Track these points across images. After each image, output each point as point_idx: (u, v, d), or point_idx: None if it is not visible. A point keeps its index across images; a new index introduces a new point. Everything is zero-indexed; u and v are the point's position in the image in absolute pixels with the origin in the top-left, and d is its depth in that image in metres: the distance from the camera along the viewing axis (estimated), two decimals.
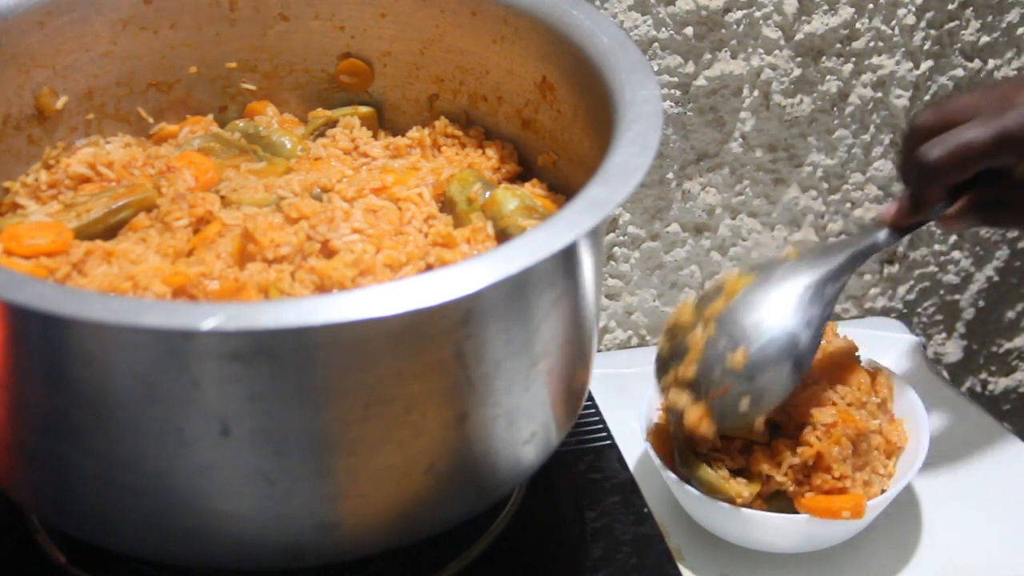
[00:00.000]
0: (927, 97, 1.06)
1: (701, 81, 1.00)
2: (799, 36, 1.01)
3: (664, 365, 0.82)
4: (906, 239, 1.12)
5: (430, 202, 0.76)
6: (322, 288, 0.68)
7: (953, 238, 1.14)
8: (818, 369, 0.86)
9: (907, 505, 0.90)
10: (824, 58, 1.02)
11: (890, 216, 0.83)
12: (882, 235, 0.83)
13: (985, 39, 1.06)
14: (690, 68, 1.00)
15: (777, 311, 0.81)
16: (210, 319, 0.54)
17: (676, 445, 0.84)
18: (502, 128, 0.85)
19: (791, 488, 0.81)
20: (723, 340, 0.80)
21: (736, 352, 0.79)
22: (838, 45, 1.02)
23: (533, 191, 0.79)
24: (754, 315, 0.81)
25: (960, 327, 1.20)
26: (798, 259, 0.83)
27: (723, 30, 0.99)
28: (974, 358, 1.23)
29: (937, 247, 1.15)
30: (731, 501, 0.81)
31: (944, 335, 1.20)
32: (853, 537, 0.85)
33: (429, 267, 0.71)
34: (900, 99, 1.06)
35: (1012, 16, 1.06)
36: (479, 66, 0.84)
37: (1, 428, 0.64)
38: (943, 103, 0.80)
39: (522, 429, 0.67)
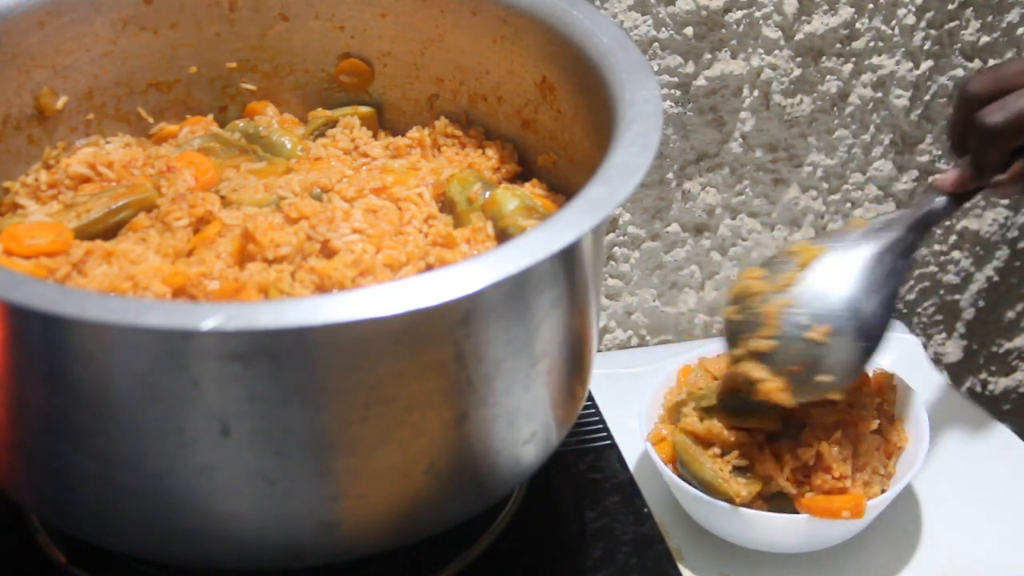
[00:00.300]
0: (927, 97, 1.06)
1: (701, 81, 1.00)
2: (799, 36, 1.01)
3: (735, 334, 0.81)
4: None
5: (430, 202, 0.76)
6: (322, 288, 0.68)
7: (953, 238, 1.14)
8: None
9: (907, 505, 0.90)
10: (824, 58, 1.02)
11: (949, 183, 0.83)
12: (940, 203, 0.83)
13: (985, 39, 1.06)
14: (690, 68, 1.00)
15: (850, 283, 0.80)
16: (210, 319, 0.54)
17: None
18: (502, 128, 0.85)
19: (791, 489, 0.81)
20: (800, 313, 0.79)
21: (817, 327, 0.79)
22: (838, 45, 1.02)
23: (533, 191, 0.79)
24: (830, 287, 0.80)
25: (960, 327, 1.20)
26: (866, 229, 0.83)
27: (723, 30, 0.99)
28: (974, 358, 1.23)
29: (937, 247, 1.15)
30: (731, 501, 0.81)
31: (944, 335, 1.20)
32: (853, 537, 0.85)
33: (429, 267, 0.71)
34: (900, 99, 1.06)
35: (1012, 16, 1.06)
36: (479, 66, 0.84)
37: (1, 428, 0.64)
38: (996, 69, 0.80)
39: (522, 429, 0.67)
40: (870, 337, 0.80)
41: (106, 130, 0.85)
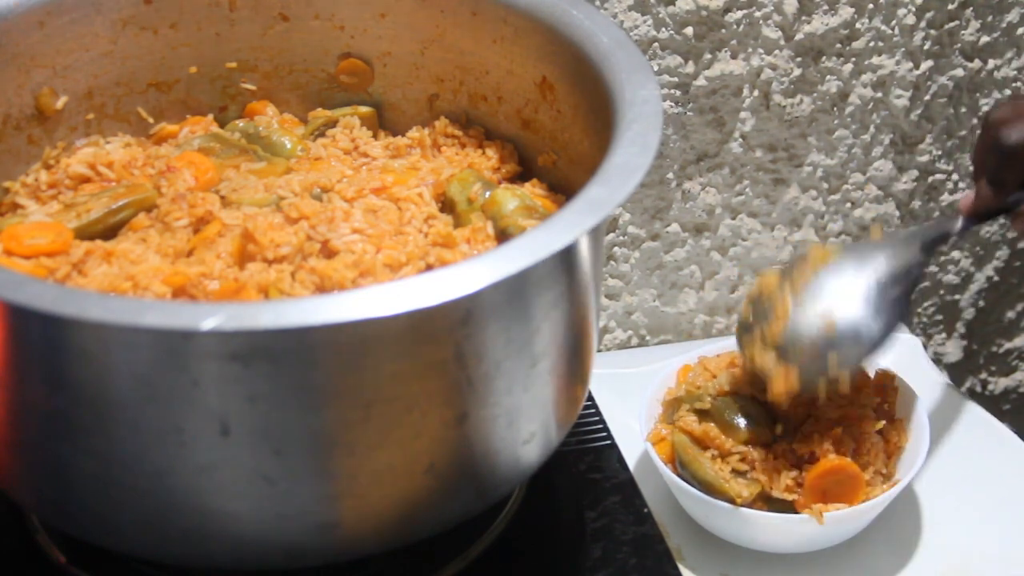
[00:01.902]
0: (927, 97, 1.06)
1: (701, 81, 1.00)
2: (799, 36, 1.01)
3: (747, 328, 0.83)
4: None
5: (430, 202, 0.76)
6: (322, 288, 0.68)
7: (953, 238, 1.14)
8: None
9: (907, 505, 0.90)
10: (824, 58, 1.02)
11: (968, 205, 0.84)
12: (958, 223, 0.85)
13: (985, 39, 1.06)
14: (690, 68, 1.00)
15: (860, 284, 0.82)
16: (210, 319, 0.54)
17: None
18: (502, 128, 0.85)
19: (788, 498, 0.81)
20: (810, 307, 0.81)
21: (826, 320, 0.80)
22: (838, 45, 1.02)
23: (533, 191, 0.79)
24: (838, 288, 0.82)
25: (960, 327, 1.20)
26: (881, 241, 0.85)
27: (723, 30, 0.99)
28: (974, 358, 1.23)
29: None
30: (731, 501, 0.81)
31: (944, 335, 1.20)
32: (853, 537, 0.85)
33: (429, 267, 0.71)
34: (900, 99, 1.06)
35: (1012, 16, 1.06)
36: (479, 66, 0.84)
37: (1, 428, 0.64)
38: (1017, 98, 0.81)
39: (522, 429, 0.67)
40: (876, 332, 0.81)
41: (106, 130, 0.85)
